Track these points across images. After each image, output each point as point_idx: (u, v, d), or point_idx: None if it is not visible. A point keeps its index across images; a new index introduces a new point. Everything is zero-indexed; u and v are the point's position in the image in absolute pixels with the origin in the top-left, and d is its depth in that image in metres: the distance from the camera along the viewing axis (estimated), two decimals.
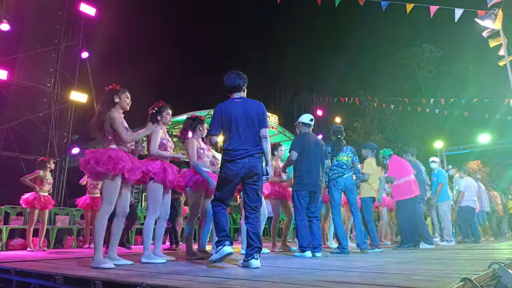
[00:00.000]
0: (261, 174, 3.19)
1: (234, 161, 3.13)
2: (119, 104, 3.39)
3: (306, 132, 4.54)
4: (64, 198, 9.62)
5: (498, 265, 2.41)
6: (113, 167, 3.10)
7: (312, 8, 28.63)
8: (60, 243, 7.30)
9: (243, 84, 3.39)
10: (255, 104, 3.31)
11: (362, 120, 24.34)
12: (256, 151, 3.18)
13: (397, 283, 1.99)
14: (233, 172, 3.13)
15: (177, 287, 2.02)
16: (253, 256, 2.96)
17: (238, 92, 3.36)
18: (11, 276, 2.99)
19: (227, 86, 3.37)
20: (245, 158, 3.13)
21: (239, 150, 3.14)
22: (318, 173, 4.35)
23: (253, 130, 3.21)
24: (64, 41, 10.37)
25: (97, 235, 3.14)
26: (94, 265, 3.00)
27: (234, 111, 3.22)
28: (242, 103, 3.28)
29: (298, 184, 4.30)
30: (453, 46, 22.70)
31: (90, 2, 10.30)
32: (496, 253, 4.40)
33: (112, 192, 3.16)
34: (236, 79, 3.35)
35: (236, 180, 3.17)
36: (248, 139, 3.18)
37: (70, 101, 9.99)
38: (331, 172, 4.85)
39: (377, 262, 3.41)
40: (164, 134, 3.83)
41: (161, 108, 3.87)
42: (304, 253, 4.04)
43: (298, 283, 2.08)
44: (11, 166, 8.70)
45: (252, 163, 3.13)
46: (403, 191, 5.80)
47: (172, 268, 3.06)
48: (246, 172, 3.13)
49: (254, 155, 3.16)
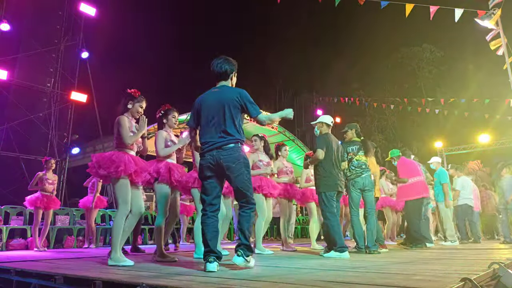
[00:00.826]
0: (236, 165, 2.82)
1: (203, 154, 2.92)
2: (131, 111, 3.50)
3: (328, 133, 4.57)
4: (64, 198, 9.62)
5: (498, 265, 2.41)
6: (115, 170, 3.19)
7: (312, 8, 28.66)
8: (60, 243, 7.31)
9: (230, 72, 3.06)
10: (231, 91, 2.97)
11: (362, 120, 24.34)
12: (226, 142, 2.85)
13: (397, 283, 1.99)
14: (202, 167, 2.91)
15: (177, 287, 2.02)
16: (236, 252, 2.80)
17: (223, 81, 3.06)
18: (11, 276, 2.99)
19: (212, 72, 3.07)
20: (213, 151, 2.86)
21: (208, 142, 2.89)
22: (341, 174, 4.45)
23: (224, 120, 2.88)
24: (64, 41, 10.38)
25: (115, 235, 3.24)
26: (111, 263, 3.12)
27: (206, 101, 2.97)
28: (218, 92, 2.98)
29: (326, 185, 4.28)
30: (453, 46, 22.75)
31: (90, 2, 10.30)
32: (496, 253, 4.40)
33: (124, 193, 3.26)
34: (223, 64, 3.04)
35: (208, 175, 2.89)
36: (216, 130, 2.88)
37: (70, 101, 9.99)
38: (350, 172, 4.82)
39: (377, 262, 3.40)
40: (169, 135, 3.89)
41: (167, 111, 3.95)
42: (343, 253, 3.95)
43: (298, 283, 2.08)
44: (11, 166, 8.71)
45: (220, 155, 2.83)
46: (412, 191, 5.78)
47: (172, 268, 3.06)
48: (216, 166, 2.85)
49: (222, 147, 2.84)
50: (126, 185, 3.28)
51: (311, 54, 30.83)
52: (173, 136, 3.95)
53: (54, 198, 6.16)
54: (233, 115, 2.89)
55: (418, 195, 5.76)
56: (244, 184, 2.86)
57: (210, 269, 2.67)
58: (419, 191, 5.77)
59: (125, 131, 3.34)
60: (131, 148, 3.41)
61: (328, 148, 4.35)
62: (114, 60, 16.04)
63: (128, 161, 3.27)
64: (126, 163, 3.24)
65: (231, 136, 2.87)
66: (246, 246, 2.82)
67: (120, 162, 3.21)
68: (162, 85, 21.27)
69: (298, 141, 15.59)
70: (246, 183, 2.87)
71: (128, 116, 3.49)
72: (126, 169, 3.23)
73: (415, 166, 6.06)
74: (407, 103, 15.69)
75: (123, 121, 3.37)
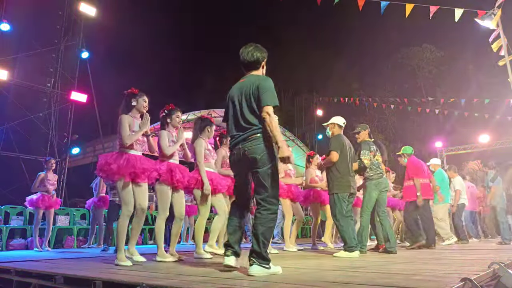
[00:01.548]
0: (261, 158, 2.55)
1: (231, 149, 2.75)
2: (136, 108, 3.52)
3: (341, 134, 4.59)
4: (64, 198, 9.62)
5: (498, 265, 2.41)
6: (111, 172, 3.25)
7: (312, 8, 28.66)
8: (60, 243, 7.31)
9: (262, 60, 2.80)
10: (255, 78, 2.70)
11: (362, 120, 24.32)
12: (250, 133, 2.60)
13: (397, 283, 1.99)
14: (232, 162, 2.77)
15: (177, 287, 2.02)
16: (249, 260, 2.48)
17: (254, 70, 2.80)
18: (11, 276, 2.99)
19: (242, 61, 2.80)
20: (238, 144, 2.65)
21: (234, 136, 2.71)
22: (353, 175, 4.48)
23: (247, 109, 2.65)
24: (64, 41, 10.38)
25: (119, 235, 3.34)
26: (116, 262, 3.23)
27: (232, 93, 2.80)
28: (244, 82, 2.75)
29: (339, 186, 4.31)
30: (453, 46, 22.71)
31: (90, 2, 10.30)
32: (496, 253, 4.40)
33: (123, 194, 3.31)
34: (254, 52, 2.77)
35: (237, 172, 2.76)
36: (240, 122, 2.66)
37: (70, 101, 9.99)
38: (372, 172, 4.76)
39: (377, 262, 3.40)
40: (171, 136, 3.90)
41: (171, 111, 3.98)
42: (352, 253, 4.04)
43: (298, 283, 2.08)
44: (11, 166, 8.70)
45: (245, 148, 2.59)
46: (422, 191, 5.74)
47: (172, 268, 3.06)
48: (242, 159, 2.62)
49: (247, 138, 2.60)
50: (125, 187, 3.31)
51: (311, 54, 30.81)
52: (175, 137, 3.96)
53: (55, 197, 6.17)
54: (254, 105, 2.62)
55: (424, 197, 5.73)
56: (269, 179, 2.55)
57: (226, 263, 2.59)
58: (424, 193, 5.75)
59: (124, 130, 3.34)
60: (133, 148, 3.41)
61: (342, 150, 4.39)
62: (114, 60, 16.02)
63: (126, 163, 3.28)
64: (124, 166, 3.26)
65: (255, 127, 2.60)
66: (257, 253, 2.46)
67: (113, 165, 3.24)
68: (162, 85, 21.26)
69: (298, 141, 15.60)
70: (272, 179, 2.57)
71: (134, 114, 3.52)
72: (120, 171, 3.25)
73: (424, 167, 6.04)
74: (407, 103, 15.69)
75: (123, 120, 3.38)
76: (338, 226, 4.27)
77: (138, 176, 3.37)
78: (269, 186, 2.56)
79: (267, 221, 2.52)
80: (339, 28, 28.84)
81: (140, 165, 3.36)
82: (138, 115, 3.56)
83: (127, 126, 3.37)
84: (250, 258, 2.47)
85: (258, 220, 2.53)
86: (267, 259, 2.48)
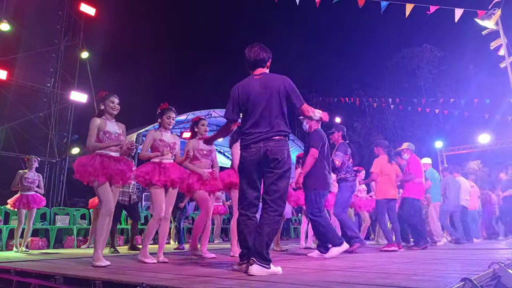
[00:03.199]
0: (281, 160, 2.60)
1: (248, 146, 2.69)
2: (105, 110, 3.52)
3: (319, 128, 4.35)
4: (64, 198, 9.62)
5: (498, 265, 2.41)
6: (81, 175, 3.29)
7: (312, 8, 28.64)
8: (60, 243, 7.31)
9: (268, 59, 2.91)
10: (278, 79, 2.79)
11: (362, 120, 24.33)
12: (274, 133, 2.65)
13: (397, 283, 1.99)
14: (246, 160, 2.69)
15: (177, 287, 2.02)
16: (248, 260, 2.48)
17: (261, 68, 2.89)
18: (11, 276, 2.99)
19: (249, 60, 2.88)
20: (260, 142, 2.64)
21: (254, 133, 2.68)
22: (330, 172, 4.32)
23: (272, 109, 2.70)
24: (64, 41, 10.38)
25: (97, 235, 3.34)
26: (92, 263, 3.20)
27: (251, 89, 2.77)
28: (262, 79, 2.80)
29: (319, 183, 4.08)
30: (453, 46, 22.71)
31: (90, 2, 10.30)
32: (496, 253, 4.39)
33: (100, 194, 3.32)
34: (260, 51, 2.87)
35: (252, 169, 2.68)
36: (264, 120, 2.68)
37: (70, 101, 9.99)
38: (349, 174, 4.77)
39: (377, 262, 3.40)
40: (160, 134, 3.82)
41: (163, 110, 3.90)
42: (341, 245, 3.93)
43: (298, 283, 2.08)
44: (11, 166, 8.69)
45: (267, 146, 2.61)
46: (417, 191, 5.73)
47: (172, 268, 3.06)
48: (261, 158, 2.62)
49: (271, 138, 2.63)
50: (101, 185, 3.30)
51: (311, 54, 30.84)
52: (165, 136, 3.84)
53: (36, 196, 5.96)
54: (282, 105, 2.73)
55: (420, 196, 5.75)
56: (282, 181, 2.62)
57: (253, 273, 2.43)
58: (422, 193, 5.76)
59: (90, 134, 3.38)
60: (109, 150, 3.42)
61: (323, 145, 4.18)
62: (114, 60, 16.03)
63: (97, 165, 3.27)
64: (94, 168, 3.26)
65: (281, 128, 2.68)
66: (259, 253, 2.46)
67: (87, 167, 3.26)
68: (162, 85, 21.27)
69: (298, 141, 15.59)
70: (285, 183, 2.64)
71: (107, 117, 3.51)
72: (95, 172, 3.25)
73: (421, 167, 6.03)
74: (407, 103, 15.70)
75: (92, 123, 3.42)
76: (316, 225, 4.03)
77: (113, 178, 3.37)
78: (281, 188, 2.61)
79: (273, 222, 2.56)
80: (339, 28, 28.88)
81: (113, 166, 3.35)
82: (111, 117, 3.55)
83: (94, 130, 3.39)
84: (251, 257, 2.46)
85: (265, 221, 2.55)
86: (268, 259, 2.48)
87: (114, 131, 3.48)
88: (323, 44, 32.14)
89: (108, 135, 3.43)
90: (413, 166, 5.76)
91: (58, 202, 9.26)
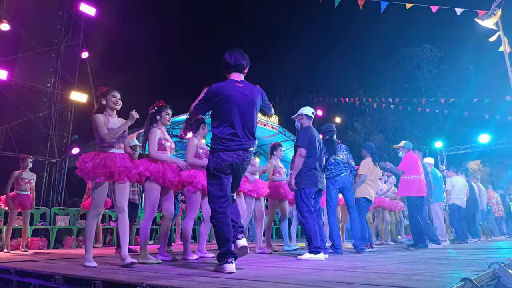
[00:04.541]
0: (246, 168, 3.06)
1: (229, 150, 2.81)
2: (107, 105, 3.44)
3: (309, 126, 4.30)
4: (64, 198, 9.62)
5: (498, 265, 2.41)
6: (85, 172, 3.23)
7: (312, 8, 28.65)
8: (60, 243, 7.31)
9: (246, 66, 3.04)
10: (255, 90, 2.99)
11: (362, 120, 24.33)
12: (251, 145, 2.90)
13: (397, 283, 1.99)
14: (226, 163, 2.81)
15: (177, 287, 2.02)
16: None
17: (238, 73, 3.01)
18: (11, 276, 2.99)
19: (228, 63, 2.99)
20: (240, 151, 2.84)
21: (235, 140, 2.83)
22: (323, 170, 4.25)
23: (250, 120, 2.90)
24: (64, 41, 10.37)
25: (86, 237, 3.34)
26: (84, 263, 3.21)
27: (232, 94, 2.86)
28: (243, 87, 2.93)
29: (306, 182, 4.00)
30: (453, 46, 22.71)
31: (90, 2, 10.29)
32: (496, 253, 4.40)
33: (94, 193, 3.28)
34: (240, 58, 3.00)
35: (228, 172, 2.85)
36: (244, 130, 2.86)
37: (70, 101, 9.98)
38: (328, 171, 4.82)
39: (377, 262, 3.40)
40: (162, 134, 3.82)
41: (161, 108, 3.86)
42: (317, 255, 3.72)
43: (298, 283, 2.08)
44: (11, 166, 8.69)
45: (245, 156, 2.88)
46: (413, 188, 5.73)
47: (172, 268, 3.06)
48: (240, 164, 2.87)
49: (248, 149, 2.89)
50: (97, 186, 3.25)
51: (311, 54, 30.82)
52: (166, 135, 3.87)
53: (30, 197, 5.95)
54: (256, 117, 2.99)
55: (418, 194, 5.75)
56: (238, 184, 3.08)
57: (231, 270, 2.61)
58: (420, 189, 5.76)
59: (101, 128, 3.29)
60: (113, 146, 3.35)
61: (311, 142, 4.10)
62: (114, 60, 16.02)
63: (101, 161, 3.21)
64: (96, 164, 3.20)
65: (254, 140, 2.96)
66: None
67: (88, 163, 3.20)
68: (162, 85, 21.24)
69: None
70: None
71: (109, 112, 3.44)
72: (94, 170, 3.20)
73: (419, 164, 6.02)
74: (407, 103, 15.69)
75: (97, 118, 3.33)
76: (304, 224, 3.92)
77: (115, 176, 3.28)
78: None
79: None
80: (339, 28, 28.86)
81: (118, 164, 3.26)
82: (113, 112, 3.47)
83: (102, 123, 3.31)
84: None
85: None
86: None
87: None
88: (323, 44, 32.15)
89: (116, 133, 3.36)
90: (404, 163, 5.87)
91: (58, 202, 9.26)
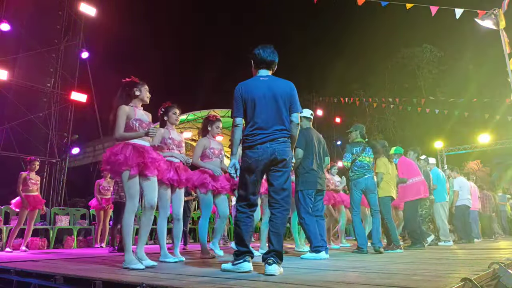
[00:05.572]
0: (288, 160, 2.75)
1: (253, 146, 2.72)
2: (140, 98, 3.33)
3: (308, 128, 4.41)
4: (64, 198, 9.62)
5: (498, 265, 2.41)
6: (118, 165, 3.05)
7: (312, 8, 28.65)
8: (60, 243, 7.30)
9: (276, 64, 2.97)
10: (283, 84, 2.89)
11: (362, 120, 24.32)
12: (280, 135, 2.74)
13: (397, 283, 1.99)
14: (252, 160, 2.71)
15: (177, 287, 2.02)
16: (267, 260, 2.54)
17: (267, 70, 2.93)
18: (11, 276, 2.99)
19: (259, 58, 2.89)
20: (266, 143, 2.71)
21: (259, 134, 2.73)
22: (322, 170, 4.28)
23: (277, 112, 2.78)
24: (64, 41, 10.37)
25: (125, 235, 3.09)
26: (124, 265, 2.98)
27: (256, 91, 2.80)
28: (267, 82, 2.85)
29: (304, 183, 4.09)
30: (453, 46, 22.72)
31: (90, 2, 10.28)
32: (496, 253, 4.39)
33: (130, 187, 3.07)
34: (274, 55, 2.91)
35: (258, 169, 2.72)
36: (270, 122, 2.75)
37: (70, 101, 9.98)
38: (352, 173, 4.84)
39: (377, 262, 3.40)
40: (168, 132, 3.88)
41: (168, 108, 3.97)
42: (319, 254, 3.79)
43: (298, 283, 2.08)
44: (11, 166, 8.69)
45: (274, 147, 2.70)
46: (412, 192, 5.76)
47: (172, 268, 3.06)
48: (268, 159, 2.70)
49: (277, 139, 2.72)
50: (131, 178, 3.06)
51: (311, 54, 30.83)
52: (172, 133, 3.91)
53: (39, 197, 6.16)
54: (286, 108, 2.82)
55: (419, 196, 5.77)
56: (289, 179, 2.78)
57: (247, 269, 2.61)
58: (419, 192, 5.77)
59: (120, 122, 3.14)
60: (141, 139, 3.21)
61: (308, 144, 4.18)
62: (114, 60, 16.00)
63: (131, 152, 3.07)
64: (128, 155, 3.04)
65: (285, 130, 2.78)
66: (278, 253, 2.60)
67: (119, 155, 3.03)
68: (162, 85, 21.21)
69: None
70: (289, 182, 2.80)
71: (136, 104, 3.30)
72: (127, 161, 3.03)
73: (414, 166, 6.05)
74: (407, 103, 15.68)
75: (121, 111, 3.17)
76: (303, 225, 4.00)
77: (147, 167, 3.13)
78: (288, 187, 2.78)
79: (285, 221, 2.76)
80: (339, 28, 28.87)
81: (148, 155, 3.15)
82: (140, 104, 3.36)
83: (124, 117, 3.17)
84: (270, 257, 2.54)
85: (279, 220, 2.70)
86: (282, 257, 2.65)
87: (144, 119, 3.29)
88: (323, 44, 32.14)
89: (139, 122, 3.22)
90: (401, 169, 5.96)
91: (58, 202, 9.26)
